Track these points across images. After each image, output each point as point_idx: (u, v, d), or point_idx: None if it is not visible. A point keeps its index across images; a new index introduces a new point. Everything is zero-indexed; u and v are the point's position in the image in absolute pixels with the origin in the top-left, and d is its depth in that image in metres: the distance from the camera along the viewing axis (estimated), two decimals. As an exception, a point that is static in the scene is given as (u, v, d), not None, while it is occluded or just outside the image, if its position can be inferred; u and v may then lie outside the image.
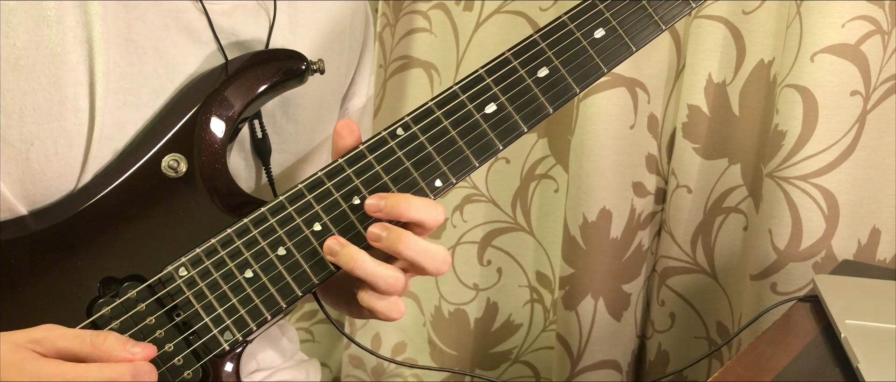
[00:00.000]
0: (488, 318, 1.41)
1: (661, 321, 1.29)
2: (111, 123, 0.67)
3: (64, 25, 0.65)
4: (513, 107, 0.70)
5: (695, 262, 1.24)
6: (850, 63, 1.03)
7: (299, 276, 0.67)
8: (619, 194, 1.21)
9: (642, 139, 1.21)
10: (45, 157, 0.65)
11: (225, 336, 0.66)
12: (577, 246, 1.23)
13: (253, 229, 0.67)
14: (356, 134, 0.68)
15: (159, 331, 0.65)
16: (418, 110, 0.69)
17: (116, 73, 0.67)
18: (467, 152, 0.69)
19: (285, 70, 0.71)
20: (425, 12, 1.33)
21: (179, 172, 0.68)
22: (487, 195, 1.35)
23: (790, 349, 0.78)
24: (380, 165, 0.68)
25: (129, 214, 0.66)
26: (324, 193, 0.68)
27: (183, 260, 0.66)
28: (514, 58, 0.70)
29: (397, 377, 1.48)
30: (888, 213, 1.10)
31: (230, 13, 0.73)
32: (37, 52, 0.64)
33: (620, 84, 1.16)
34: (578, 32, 0.71)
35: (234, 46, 0.73)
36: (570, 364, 1.29)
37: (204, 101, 0.69)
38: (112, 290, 0.65)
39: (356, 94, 0.88)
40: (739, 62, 1.14)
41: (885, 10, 1.02)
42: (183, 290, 0.65)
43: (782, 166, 1.07)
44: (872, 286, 0.92)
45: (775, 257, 1.09)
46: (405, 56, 1.36)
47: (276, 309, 0.66)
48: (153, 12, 0.69)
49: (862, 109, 1.05)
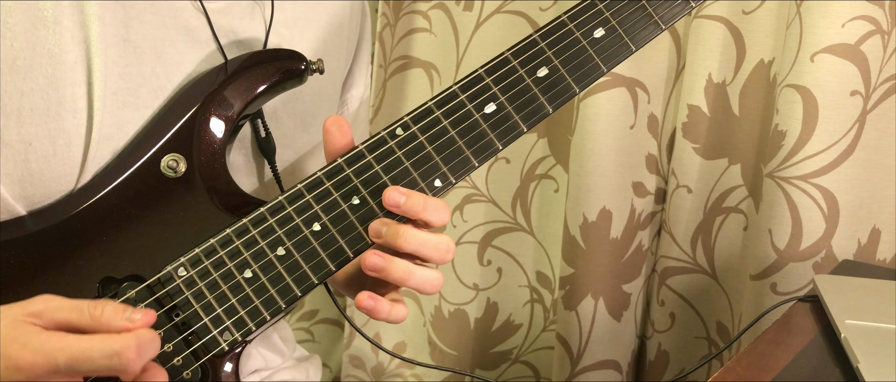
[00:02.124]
0: (488, 318, 1.41)
1: (661, 321, 1.29)
2: (110, 123, 0.67)
3: (61, 26, 0.65)
4: (512, 107, 0.70)
5: (695, 262, 1.24)
6: (850, 63, 1.02)
7: (299, 276, 0.67)
8: (619, 194, 1.21)
9: (642, 139, 1.21)
10: (44, 157, 0.64)
11: (224, 336, 0.66)
12: (577, 246, 1.23)
13: (252, 229, 0.67)
14: (346, 130, 0.68)
15: (158, 331, 0.65)
16: (418, 110, 0.69)
17: (115, 73, 0.67)
18: (467, 152, 0.69)
19: (285, 70, 0.71)
20: (425, 12, 1.33)
21: (179, 172, 0.68)
22: (487, 195, 1.35)
23: (790, 349, 0.78)
24: (379, 165, 0.68)
25: (129, 214, 0.66)
26: (323, 193, 0.68)
27: (182, 260, 0.66)
28: (513, 58, 0.70)
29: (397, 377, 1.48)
30: (888, 213, 1.10)
31: (226, 11, 0.73)
32: (34, 52, 0.64)
33: (620, 84, 1.16)
34: (578, 32, 0.71)
35: (232, 45, 0.73)
36: (570, 364, 1.29)
37: (203, 101, 0.69)
38: (111, 290, 0.65)
39: (354, 84, 0.88)
40: (739, 62, 1.14)
41: (885, 10, 1.02)
42: (182, 290, 0.65)
43: (782, 166, 1.07)
44: (872, 286, 0.92)
45: (775, 257, 1.09)
46: (405, 56, 1.36)
47: (275, 309, 0.66)
48: (151, 12, 0.69)
49: (862, 109, 1.05)
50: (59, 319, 0.58)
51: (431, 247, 0.67)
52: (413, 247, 0.66)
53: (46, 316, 0.57)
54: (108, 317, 0.58)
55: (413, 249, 0.66)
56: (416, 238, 0.66)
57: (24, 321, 0.57)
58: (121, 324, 0.58)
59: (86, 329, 0.58)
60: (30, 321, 0.57)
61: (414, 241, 0.66)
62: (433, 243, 0.67)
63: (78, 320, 0.58)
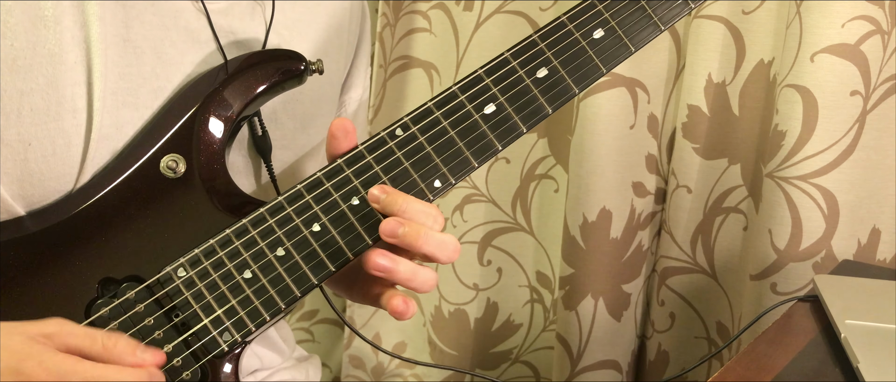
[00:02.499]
0: (488, 318, 1.41)
1: (661, 321, 1.29)
2: (109, 123, 0.67)
3: (61, 26, 0.65)
4: (512, 107, 0.70)
5: (695, 262, 1.24)
6: (849, 63, 1.02)
7: (298, 277, 0.66)
8: (619, 194, 1.21)
9: (642, 139, 1.21)
10: (43, 157, 0.64)
11: (224, 336, 0.66)
12: (577, 246, 1.23)
13: (252, 229, 0.66)
14: (352, 137, 0.68)
15: (158, 332, 0.65)
16: (417, 111, 0.69)
17: (114, 73, 0.67)
18: (466, 153, 0.69)
19: (284, 70, 0.71)
20: (425, 12, 1.33)
21: (178, 172, 0.68)
22: (487, 195, 1.35)
23: (790, 349, 0.78)
24: (379, 165, 0.68)
25: (128, 214, 0.66)
26: (323, 193, 0.68)
27: (181, 261, 0.66)
28: (513, 58, 0.70)
29: (397, 377, 1.48)
30: (888, 213, 1.10)
31: (226, 12, 0.73)
32: (34, 52, 0.64)
33: (620, 84, 1.16)
34: (577, 33, 0.71)
35: (231, 45, 0.73)
36: (570, 364, 1.29)
37: (203, 101, 0.69)
38: (111, 291, 0.65)
39: (353, 86, 0.88)
40: (739, 62, 1.14)
41: (885, 10, 1.02)
42: (181, 291, 0.65)
43: (782, 166, 1.07)
44: (872, 286, 0.92)
45: (775, 257, 1.09)
46: (405, 56, 1.36)
47: (275, 310, 0.66)
48: (151, 12, 0.69)
49: (862, 109, 1.05)
50: (71, 344, 0.58)
51: (445, 247, 0.66)
52: (432, 248, 0.65)
53: (59, 339, 0.58)
54: (120, 351, 0.59)
55: (432, 250, 0.65)
56: (435, 239, 0.65)
57: (38, 340, 0.58)
58: (132, 360, 0.59)
59: (96, 358, 0.59)
60: (43, 341, 0.58)
61: (433, 241, 0.65)
62: (447, 243, 0.66)
63: (89, 347, 0.59)
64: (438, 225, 0.67)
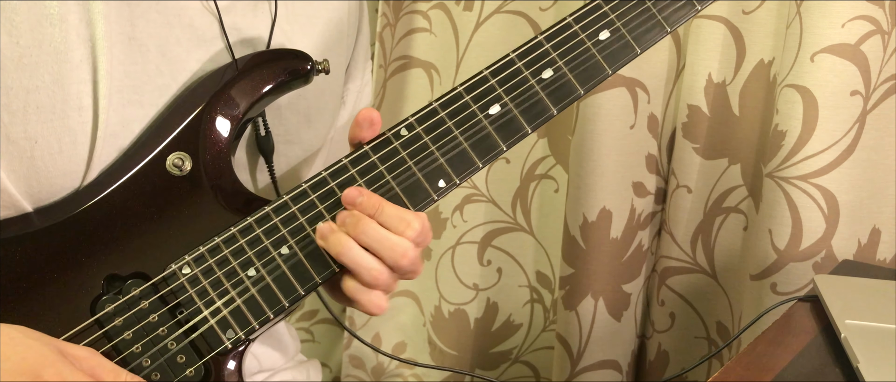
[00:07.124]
0: (488, 318, 1.41)
1: (661, 322, 1.29)
2: (115, 121, 0.67)
3: (67, 24, 0.65)
4: (517, 108, 0.70)
5: (695, 262, 1.24)
6: (850, 63, 1.03)
7: (302, 275, 0.67)
8: (619, 194, 1.21)
9: (642, 139, 1.21)
10: (50, 155, 0.65)
11: (227, 333, 0.66)
12: (577, 246, 1.23)
13: (256, 227, 0.67)
14: (376, 126, 0.68)
15: (162, 329, 0.65)
16: (422, 111, 0.69)
17: (120, 71, 0.67)
18: (471, 153, 0.69)
19: (291, 70, 0.71)
20: (425, 12, 1.33)
21: (184, 170, 0.68)
22: (487, 195, 1.35)
23: (790, 349, 0.78)
24: (383, 164, 0.68)
25: (134, 212, 0.66)
26: (327, 192, 0.68)
27: (186, 258, 0.66)
28: (518, 59, 0.70)
29: (397, 377, 1.48)
30: (888, 213, 1.11)
31: (229, 9, 0.73)
32: (40, 50, 0.64)
33: (620, 84, 1.17)
34: (583, 34, 0.71)
35: (236, 43, 0.73)
36: (570, 364, 1.29)
37: (209, 100, 0.69)
38: (116, 287, 0.65)
39: (351, 78, 0.88)
40: (739, 62, 1.15)
41: (885, 10, 1.02)
42: (186, 288, 0.65)
43: (782, 166, 1.07)
44: (872, 286, 0.92)
45: (775, 257, 1.09)
46: (405, 56, 1.36)
47: (278, 308, 0.66)
48: (156, 10, 0.69)
49: (862, 109, 1.05)
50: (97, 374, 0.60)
51: (388, 247, 0.66)
52: (369, 240, 0.65)
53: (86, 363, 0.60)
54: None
55: (368, 242, 0.65)
56: (376, 233, 0.66)
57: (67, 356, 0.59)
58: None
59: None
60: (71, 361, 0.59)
61: (373, 234, 0.66)
62: (390, 242, 0.66)
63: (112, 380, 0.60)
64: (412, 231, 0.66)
